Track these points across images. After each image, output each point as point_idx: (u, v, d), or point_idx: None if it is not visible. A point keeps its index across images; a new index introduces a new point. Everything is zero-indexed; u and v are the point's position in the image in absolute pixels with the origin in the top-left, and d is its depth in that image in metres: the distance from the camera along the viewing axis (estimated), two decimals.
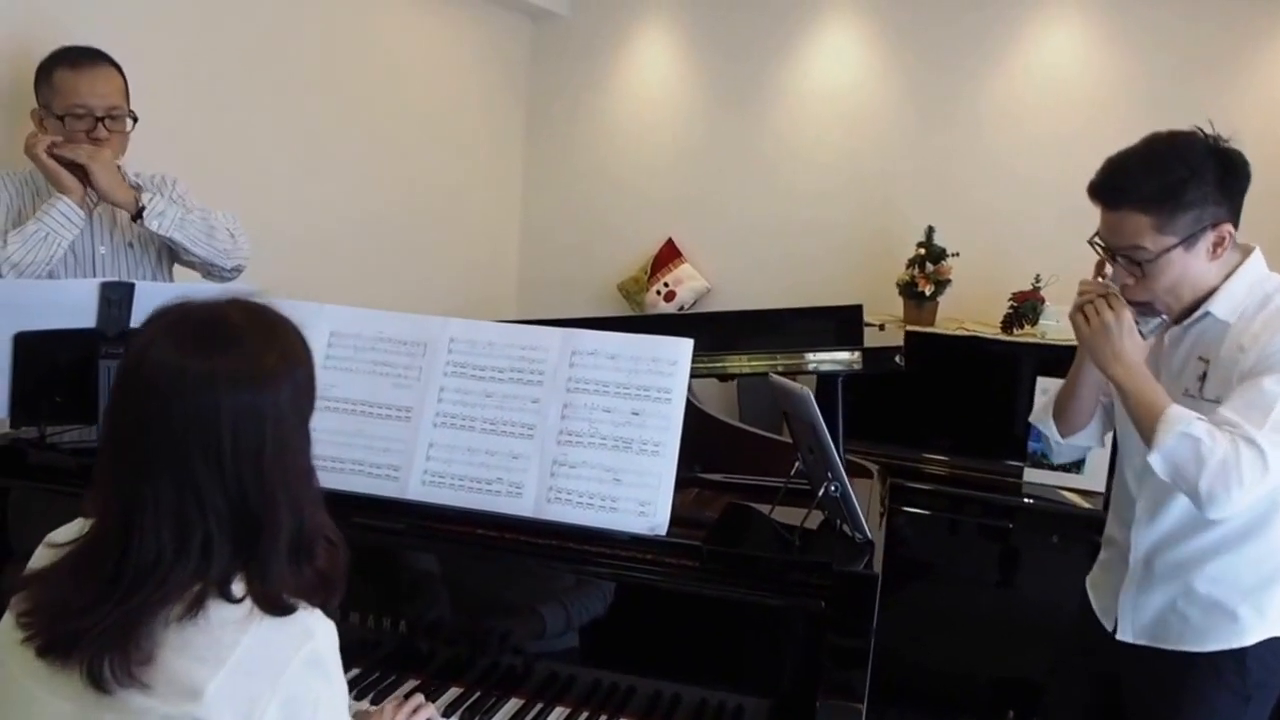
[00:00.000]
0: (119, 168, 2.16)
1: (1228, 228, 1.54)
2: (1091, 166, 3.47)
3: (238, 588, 0.96)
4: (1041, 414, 1.87)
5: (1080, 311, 1.62)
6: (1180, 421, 1.46)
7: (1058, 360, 2.95)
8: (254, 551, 0.97)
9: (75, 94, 2.08)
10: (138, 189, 2.20)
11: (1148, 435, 1.49)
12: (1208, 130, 1.55)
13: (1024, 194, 3.62)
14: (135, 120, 2.17)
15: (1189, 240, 1.52)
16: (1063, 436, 1.83)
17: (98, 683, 0.92)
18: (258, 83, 3.02)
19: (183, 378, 0.94)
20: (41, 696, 0.97)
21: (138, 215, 2.12)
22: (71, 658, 0.94)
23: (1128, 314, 1.57)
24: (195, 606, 0.94)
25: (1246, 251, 1.59)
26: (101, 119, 2.11)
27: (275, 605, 0.96)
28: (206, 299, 1.02)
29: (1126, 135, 1.61)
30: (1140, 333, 1.58)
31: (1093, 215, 3.64)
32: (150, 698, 0.93)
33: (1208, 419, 1.47)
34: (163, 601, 0.94)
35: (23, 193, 2.14)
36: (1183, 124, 1.60)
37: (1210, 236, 1.53)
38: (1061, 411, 1.82)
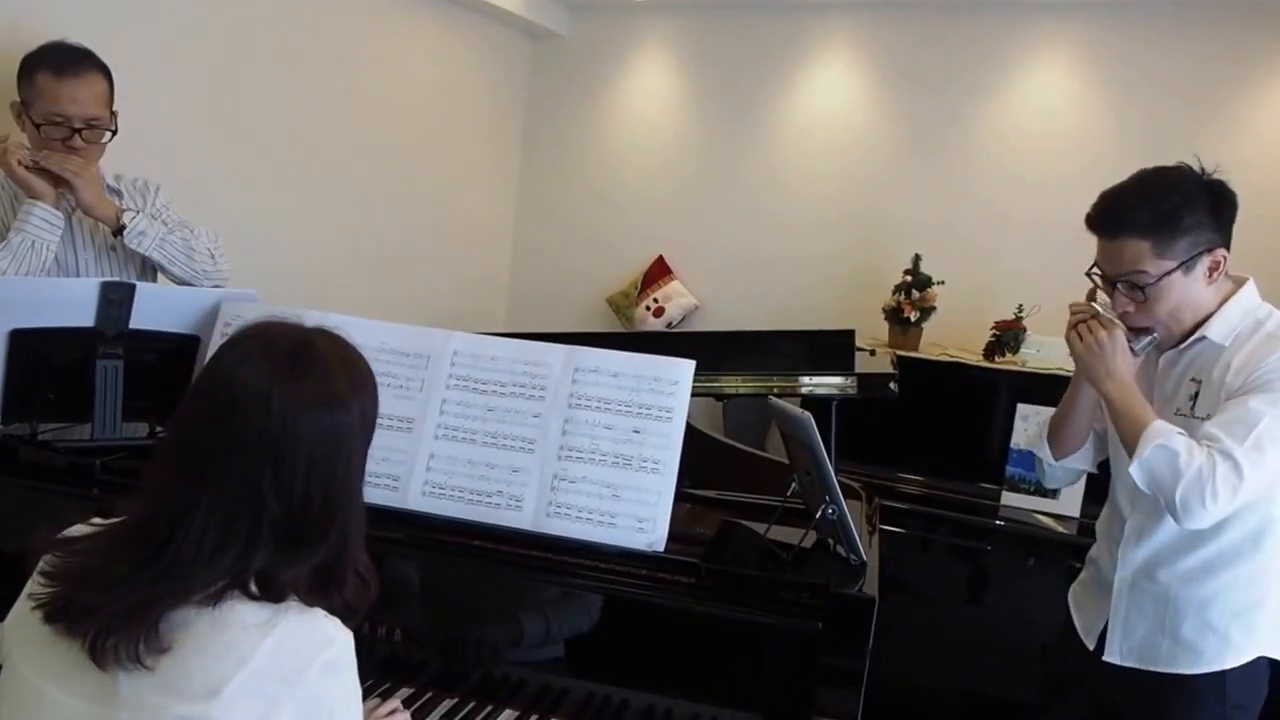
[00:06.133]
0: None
1: (1222, 252, 1.61)
2: (1075, 204, 3.55)
3: (254, 586, 0.98)
4: (1036, 439, 1.91)
5: (1074, 330, 1.68)
6: (1161, 435, 1.52)
7: (1038, 388, 3.02)
8: (286, 562, 1.00)
9: (55, 102, 2.02)
10: (118, 194, 2.16)
11: (1130, 447, 1.55)
12: (1194, 165, 1.62)
13: (1008, 228, 3.71)
14: (114, 133, 2.11)
15: (1187, 264, 1.59)
16: (1056, 459, 1.87)
17: (98, 658, 0.93)
18: (256, 93, 3.02)
19: (269, 400, 0.98)
20: (53, 695, 0.97)
21: (118, 232, 2.08)
22: (78, 627, 0.95)
23: (1120, 333, 1.63)
24: (215, 600, 0.96)
25: (1239, 282, 1.66)
26: (79, 129, 2.05)
27: (278, 596, 0.99)
28: (289, 324, 1.06)
29: (1111, 175, 1.68)
30: (1132, 349, 1.64)
31: (1074, 249, 3.71)
32: (164, 695, 0.93)
33: (1191, 435, 1.53)
34: (185, 594, 0.96)
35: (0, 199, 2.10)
36: (1168, 164, 1.66)
37: (1206, 261, 1.60)
38: (1056, 434, 1.86)
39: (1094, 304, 1.71)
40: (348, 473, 1.03)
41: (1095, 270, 1.69)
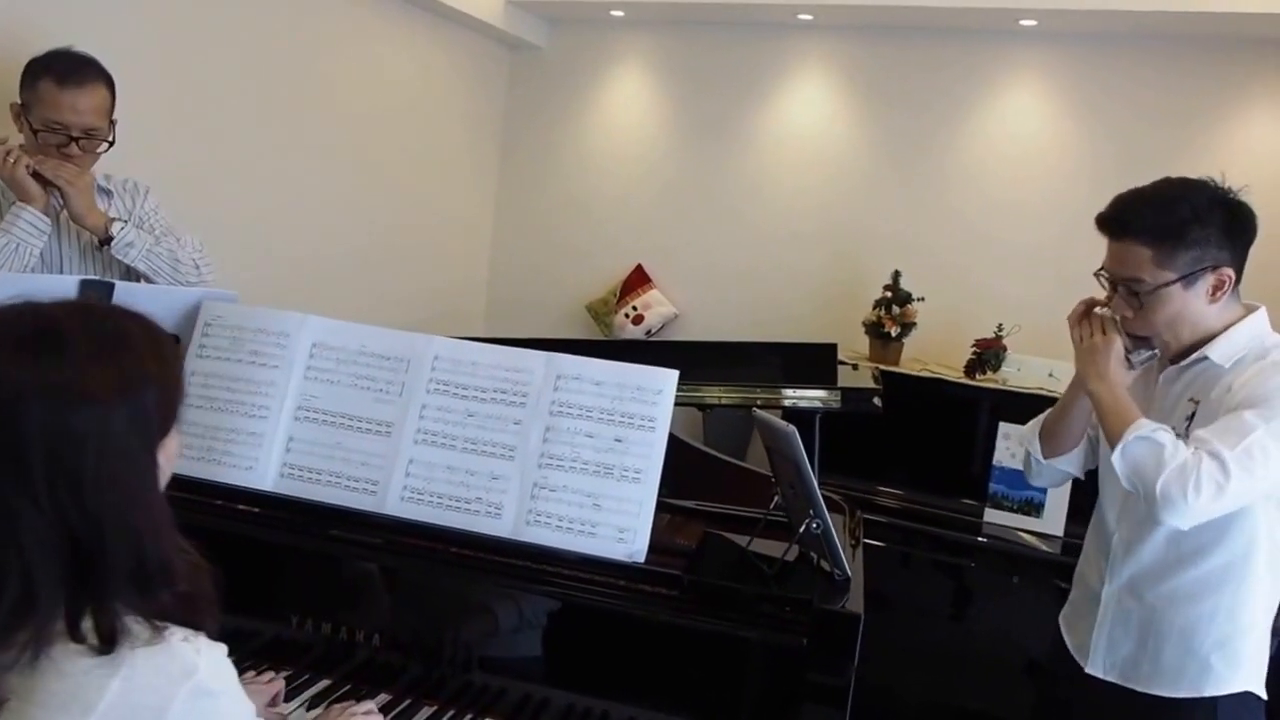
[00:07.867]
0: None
1: (1228, 272, 1.58)
2: (1049, 227, 3.63)
3: (86, 625, 0.86)
4: (1029, 432, 1.88)
5: (1077, 326, 1.68)
6: (1147, 428, 1.50)
7: (1019, 406, 3.02)
8: (92, 587, 0.87)
9: (55, 110, 2.02)
10: (108, 194, 2.16)
11: (1114, 440, 1.52)
12: (1218, 181, 1.61)
13: (984, 247, 3.74)
14: (111, 144, 2.11)
15: (1188, 279, 1.57)
16: (1045, 457, 1.84)
17: None
18: (238, 101, 3.02)
19: None
20: None
21: (105, 242, 2.07)
22: None
23: (1119, 341, 1.62)
24: (33, 650, 0.83)
25: (1250, 309, 1.64)
26: (77, 138, 2.05)
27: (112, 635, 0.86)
28: (52, 302, 0.92)
29: (1084, 199, 1.69)
30: (1129, 361, 1.63)
31: (1050, 271, 3.75)
32: None
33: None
34: None
35: None
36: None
37: (1210, 279, 1.58)
38: (1049, 432, 1.83)
39: (1103, 309, 1.69)
40: (109, 478, 0.87)
41: (1103, 271, 1.67)
